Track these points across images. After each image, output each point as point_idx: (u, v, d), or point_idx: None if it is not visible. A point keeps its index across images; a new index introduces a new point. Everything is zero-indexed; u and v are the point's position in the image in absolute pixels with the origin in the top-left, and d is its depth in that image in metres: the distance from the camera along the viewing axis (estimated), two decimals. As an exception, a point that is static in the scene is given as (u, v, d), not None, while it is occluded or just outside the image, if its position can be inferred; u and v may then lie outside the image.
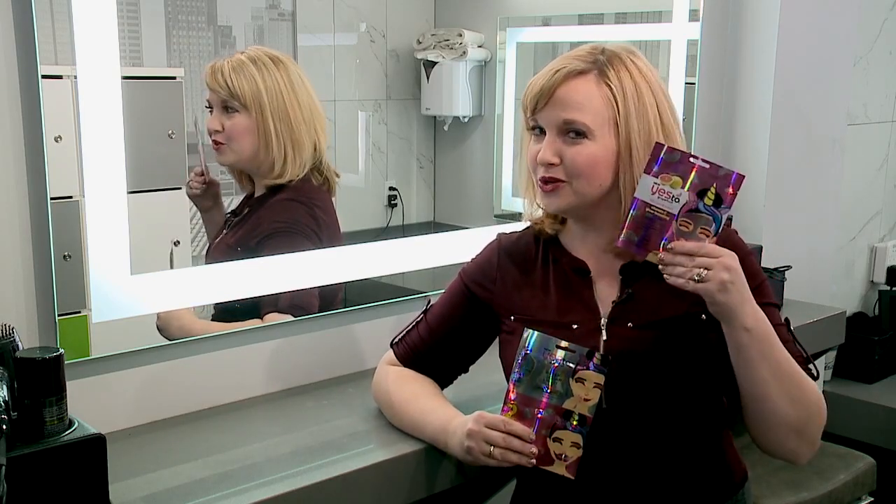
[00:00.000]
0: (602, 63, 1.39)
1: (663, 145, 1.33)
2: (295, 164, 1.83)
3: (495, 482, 1.75)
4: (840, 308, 2.51)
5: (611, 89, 1.38)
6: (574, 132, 1.38)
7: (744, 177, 1.32)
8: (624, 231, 1.34)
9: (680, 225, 1.31)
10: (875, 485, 2.44)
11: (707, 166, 1.31)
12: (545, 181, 1.40)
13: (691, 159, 1.31)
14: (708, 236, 1.32)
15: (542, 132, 1.41)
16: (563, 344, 1.35)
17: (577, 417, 1.35)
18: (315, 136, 1.86)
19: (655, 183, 1.32)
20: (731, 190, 1.31)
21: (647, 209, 1.32)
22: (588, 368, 1.34)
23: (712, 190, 1.31)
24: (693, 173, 1.31)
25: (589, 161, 1.38)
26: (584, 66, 1.39)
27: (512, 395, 1.36)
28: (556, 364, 1.35)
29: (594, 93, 1.38)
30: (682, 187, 1.31)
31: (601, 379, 1.34)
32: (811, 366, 1.43)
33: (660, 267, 1.32)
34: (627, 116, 1.38)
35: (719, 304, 1.30)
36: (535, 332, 1.36)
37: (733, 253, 1.31)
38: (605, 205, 1.42)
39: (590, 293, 1.45)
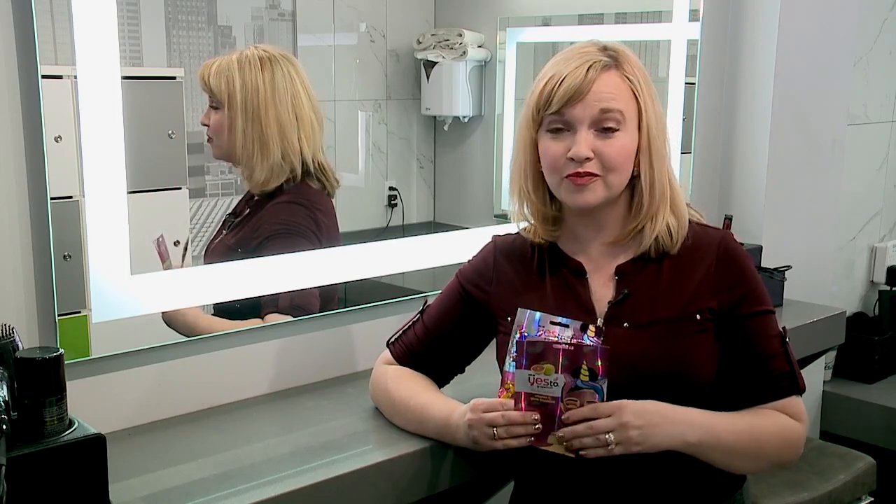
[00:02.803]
0: (615, 58, 1.41)
1: (523, 342, 1.36)
2: (262, 167, 1.82)
3: (495, 482, 1.75)
4: (840, 308, 2.51)
5: (631, 83, 1.40)
6: (607, 126, 1.38)
7: (608, 349, 1.35)
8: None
9: (567, 405, 1.35)
10: (875, 485, 2.44)
11: (571, 348, 1.34)
12: (580, 175, 1.39)
13: (554, 345, 1.34)
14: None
15: (561, 130, 1.41)
16: (557, 319, 1.38)
17: None
18: (296, 140, 1.85)
19: (531, 374, 1.35)
20: (600, 363, 1.34)
21: (532, 398, 1.36)
22: (583, 341, 1.35)
23: (584, 367, 1.34)
24: (560, 357, 1.34)
25: (623, 153, 1.39)
26: (606, 60, 1.40)
27: (510, 377, 1.37)
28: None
29: (621, 86, 1.40)
30: (556, 372, 1.34)
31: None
32: (798, 379, 1.45)
33: (567, 451, 1.34)
34: (646, 109, 1.41)
35: (649, 450, 1.34)
36: (529, 311, 1.39)
37: (621, 403, 1.34)
38: (617, 201, 1.44)
39: (586, 293, 1.45)
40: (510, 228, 1.59)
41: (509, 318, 1.48)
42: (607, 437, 1.32)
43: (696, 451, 1.37)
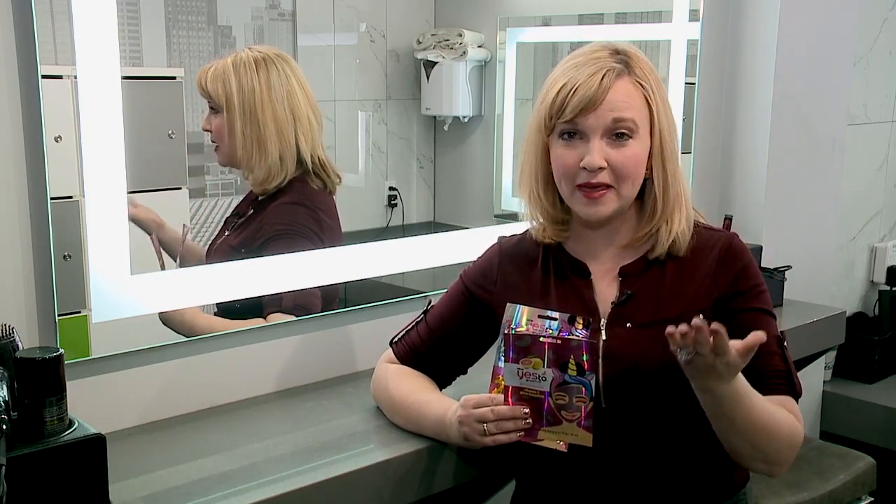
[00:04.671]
0: (627, 63, 1.40)
1: (510, 334, 1.36)
2: (260, 166, 1.83)
3: (496, 482, 1.75)
4: (840, 308, 2.51)
5: (644, 88, 1.39)
6: (619, 133, 1.37)
7: (595, 343, 1.35)
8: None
9: (556, 399, 1.35)
10: (875, 485, 2.44)
11: (557, 341, 1.34)
12: (593, 187, 1.38)
13: (541, 339, 1.35)
14: (585, 403, 1.34)
15: (573, 138, 1.40)
16: (546, 313, 1.38)
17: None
18: (293, 138, 1.85)
19: (519, 368, 1.36)
20: (587, 356, 1.34)
21: (521, 392, 1.36)
22: (572, 334, 1.35)
23: (571, 361, 1.34)
24: (547, 351, 1.35)
25: (635, 161, 1.39)
26: (619, 67, 1.39)
27: (500, 372, 1.38)
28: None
29: (634, 93, 1.39)
30: (544, 366, 1.35)
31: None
32: (794, 381, 1.42)
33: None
34: (659, 114, 1.40)
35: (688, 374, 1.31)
36: (518, 306, 1.39)
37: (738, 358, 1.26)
38: (628, 208, 1.44)
39: (590, 294, 1.45)
40: (511, 229, 1.59)
41: (510, 319, 1.49)
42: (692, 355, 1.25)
43: (705, 400, 1.32)
